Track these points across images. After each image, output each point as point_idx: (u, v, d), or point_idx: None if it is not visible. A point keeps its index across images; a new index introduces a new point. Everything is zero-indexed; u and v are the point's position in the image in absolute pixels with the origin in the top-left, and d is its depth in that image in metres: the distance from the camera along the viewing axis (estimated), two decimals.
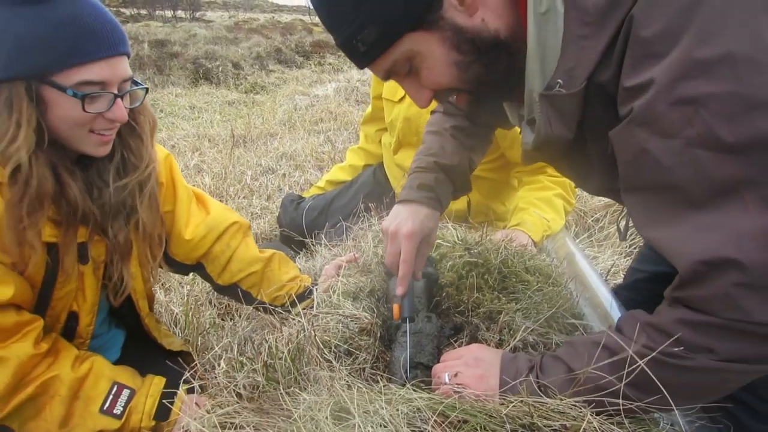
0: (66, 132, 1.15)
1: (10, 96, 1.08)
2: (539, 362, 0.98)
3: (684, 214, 0.77)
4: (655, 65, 0.74)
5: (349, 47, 0.92)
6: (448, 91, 1.00)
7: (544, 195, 2.07)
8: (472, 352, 1.08)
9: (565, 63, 0.85)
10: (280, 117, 6.41)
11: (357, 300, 1.38)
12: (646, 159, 0.78)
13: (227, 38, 13.38)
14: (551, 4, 0.84)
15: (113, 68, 1.14)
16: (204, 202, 1.62)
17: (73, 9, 1.09)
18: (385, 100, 2.32)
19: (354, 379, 1.07)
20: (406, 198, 1.30)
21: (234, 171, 4.05)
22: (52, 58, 1.07)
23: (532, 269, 1.47)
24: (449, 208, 2.04)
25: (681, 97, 0.72)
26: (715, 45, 0.71)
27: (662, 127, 0.75)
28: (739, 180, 0.71)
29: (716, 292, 0.74)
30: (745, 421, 1.09)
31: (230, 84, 9.29)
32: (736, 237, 0.71)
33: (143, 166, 1.30)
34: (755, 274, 0.71)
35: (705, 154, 0.72)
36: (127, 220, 1.31)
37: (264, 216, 3.23)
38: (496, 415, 0.84)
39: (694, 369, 0.79)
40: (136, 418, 1.24)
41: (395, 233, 1.23)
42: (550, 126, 0.90)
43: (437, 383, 1.05)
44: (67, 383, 1.19)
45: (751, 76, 0.69)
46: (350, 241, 1.81)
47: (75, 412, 1.19)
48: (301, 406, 0.94)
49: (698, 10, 0.72)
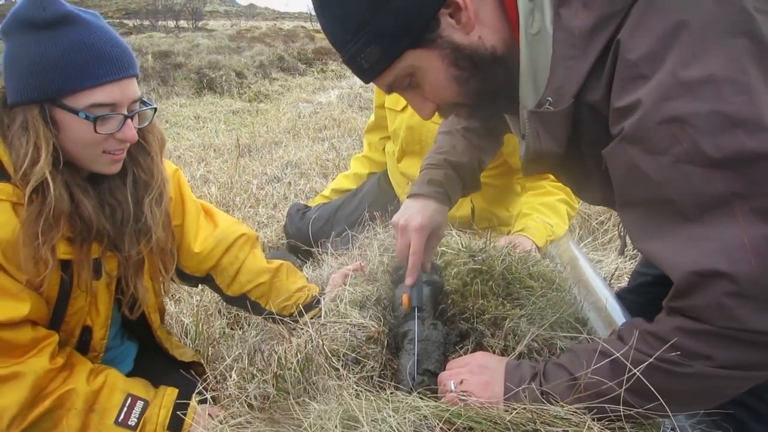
0: (78, 152, 1.18)
1: (25, 119, 1.12)
2: (542, 369, 1.00)
3: (676, 228, 0.80)
4: (642, 86, 0.78)
5: (353, 64, 0.97)
6: (451, 105, 1.04)
7: (548, 200, 2.09)
8: (477, 360, 1.11)
9: (554, 82, 0.89)
10: (284, 125, 6.45)
11: (364, 308, 1.40)
12: (637, 175, 0.81)
13: (230, 47, 13.44)
14: (542, 25, 0.89)
15: (123, 90, 1.17)
16: (212, 215, 1.66)
17: (84, 34, 1.13)
18: (387, 110, 2.34)
19: (362, 388, 1.09)
20: (416, 192, 1.35)
21: (240, 180, 4.09)
22: (64, 82, 1.11)
23: (535, 275, 1.49)
24: (453, 216, 2.07)
25: (667, 116, 0.75)
26: (697, 67, 0.74)
27: (651, 144, 0.78)
28: (727, 193, 0.74)
29: (709, 302, 0.76)
30: (748, 423, 1.11)
31: (234, 93, 9.34)
32: (727, 249, 0.74)
33: (154, 183, 1.34)
34: (746, 284, 0.73)
35: (693, 169, 0.75)
36: (139, 236, 1.34)
37: (270, 225, 3.26)
38: (500, 422, 0.86)
39: (692, 375, 0.81)
40: (151, 428, 1.26)
41: (405, 227, 1.29)
42: (539, 141, 0.95)
43: (443, 391, 1.07)
44: (82, 396, 1.22)
45: (731, 95, 0.73)
46: (356, 250, 1.83)
47: (91, 425, 1.22)
48: (311, 416, 0.96)
49: (680, 35, 0.76)
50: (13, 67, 1.12)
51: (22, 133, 1.12)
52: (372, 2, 0.90)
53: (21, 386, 1.15)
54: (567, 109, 0.89)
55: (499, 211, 2.26)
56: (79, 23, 1.14)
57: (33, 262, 1.14)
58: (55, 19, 1.11)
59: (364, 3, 0.90)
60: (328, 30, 0.97)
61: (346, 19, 0.93)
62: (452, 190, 1.38)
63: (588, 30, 0.84)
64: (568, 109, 0.89)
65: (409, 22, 0.91)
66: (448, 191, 1.36)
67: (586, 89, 0.87)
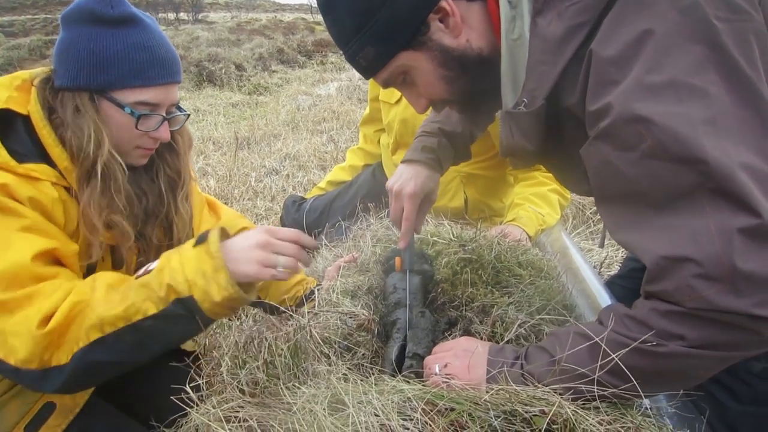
0: (115, 144, 1.24)
1: (76, 104, 1.20)
2: (524, 353, 1.04)
3: (648, 218, 0.85)
4: (613, 91, 0.84)
5: (353, 62, 1.09)
6: (442, 101, 1.14)
7: (539, 190, 2.11)
8: (462, 345, 1.14)
9: (529, 84, 0.97)
10: (283, 118, 6.47)
11: (355, 298, 1.43)
12: (611, 170, 0.87)
13: (230, 40, 13.46)
14: (521, 31, 0.97)
15: (167, 93, 1.27)
16: (215, 209, 1.72)
17: (144, 36, 1.22)
18: (382, 102, 2.36)
19: (352, 373, 1.13)
20: (410, 158, 1.43)
21: (238, 173, 4.12)
22: (118, 77, 1.19)
23: (524, 263, 1.51)
24: (447, 206, 2.10)
25: (634, 116, 0.81)
26: (660, 72, 0.81)
27: (621, 142, 0.84)
28: (693, 185, 0.79)
29: (679, 285, 0.80)
30: (724, 402, 1.14)
31: (234, 86, 9.36)
32: (694, 235, 0.79)
33: (180, 180, 1.44)
34: (711, 267, 0.77)
35: (659, 163, 0.81)
36: (162, 227, 1.43)
37: (269, 217, 3.30)
38: (480, 403, 0.89)
39: (666, 355, 0.85)
40: (175, 258, 1.13)
41: (399, 192, 1.38)
42: (512, 138, 1.03)
43: (428, 374, 1.11)
44: (102, 275, 1.19)
45: (690, 98, 0.79)
46: (350, 241, 1.86)
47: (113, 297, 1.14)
48: (300, 399, 0.99)
49: (646, 43, 0.82)
50: (69, 53, 1.19)
51: (78, 116, 1.19)
52: (368, 8, 0.99)
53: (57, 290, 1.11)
54: (538, 110, 0.96)
55: (492, 202, 2.28)
56: (141, 25, 1.22)
57: (107, 228, 1.23)
58: (122, 18, 1.19)
59: (361, 8, 1.00)
60: (331, 30, 1.08)
61: (346, 21, 1.03)
62: (444, 157, 1.45)
63: (559, 38, 0.91)
64: (540, 110, 0.96)
65: (401, 26, 1.01)
66: (441, 158, 1.43)
67: (562, 94, 0.94)
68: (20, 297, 1.06)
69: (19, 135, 1.18)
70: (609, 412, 0.89)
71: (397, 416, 0.87)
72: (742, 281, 0.76)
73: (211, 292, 1.08)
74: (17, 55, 13.12)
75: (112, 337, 1.07)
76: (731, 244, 0.76)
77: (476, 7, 1.03)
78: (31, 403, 1.21)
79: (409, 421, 0.88)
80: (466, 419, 0.88)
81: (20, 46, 14.21)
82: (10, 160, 1.13)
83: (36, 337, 1.03)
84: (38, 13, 34.21)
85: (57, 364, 1.07)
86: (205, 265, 1.10)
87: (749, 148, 0.78)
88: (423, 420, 0.88)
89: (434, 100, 1.15)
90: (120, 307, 1.07)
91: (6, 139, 1.15)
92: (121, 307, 1.07)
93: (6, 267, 1.06)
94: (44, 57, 13.31)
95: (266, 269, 1.13)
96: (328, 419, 0.89)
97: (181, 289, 1.08)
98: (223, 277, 1.08)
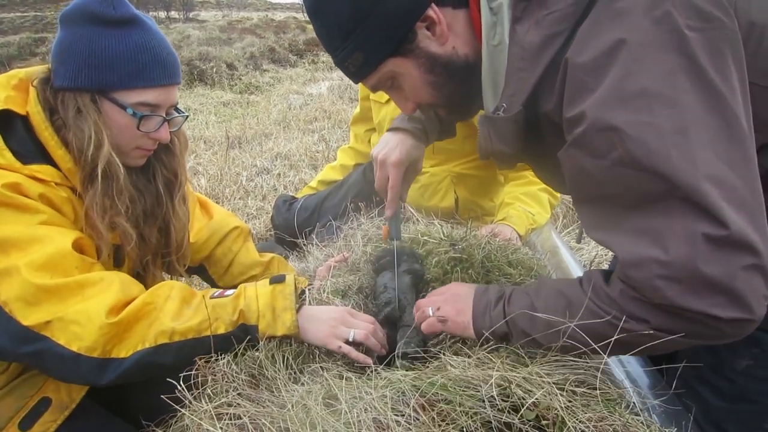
0: (114, 145, 1.24)
1: (77, 104, 1.19)
2: (509, 294, 1.11)
3: (619, 219, 0.90)
4: (588, 99, 0.86)
5: (342, 67, 1.11)
6: (429, 105, 1.16)
7: (530, 190, 2.13)
8: (452, 289, 1.22)
9: (507, 90, 0.99)
10: (274, 117, 6.46)
11: (346, 297, 1.44)
12: (585, 175, 0.92)
13: (221, 39, 13.40)
14: (501, 38, 0.99)
15: (168, 95, 1.28)
16: (207, 207, 1.74)
17: (146, 37, 1.22)
18: (372, 102, 2.37)
19: (344, 370, 1.14)
20: (396, 126, 1.43)
21: (229, 172, 4.11)
22: (121, 77, 1.20)
23: (514, 263, 1.52)
24: (437, 206, 2.11)
25: (606, 125, 0.84)
26: (633, 82, 0.83)
27: (593, 149, 0.88)
28: (661, 191, 0.83)
29: (645, 283, 0.85)
30: (709, 399, 1.16)
31: (225, 85, 9.34)
32: (661, 238, 0.83)
33: (176, 181, 1.45)
34: (675, 268, 0.82)
35: (629, 171, 0.84)
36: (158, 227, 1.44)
37: (260, 216, 3.29)
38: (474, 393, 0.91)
39: (631, 330, 0.91)
40: (251, 289, 1.24)
41: (384, 161, 1.38)
42: (490, 142, 1.05)
43: (421, 317, 1.19)
44: (177, 287, 1.23)
45: (660, 108, 0.82)
46: (341, 241, 1.87)
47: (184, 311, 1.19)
48: (294, 396, 1.00)
49: (620, 52, 0.84)
50: (69, 53, 1.18)
51: (79, 117, 1.19)
52: (356, 15, 1.01)
53: (112, 285, 1.15)
54: (516, 116, 0.98)
55: (483, 202, 2.29)
56: (143, 26, 1.23)
57: (110, 230, 1.25)
58: (124, 19, 1.20)
59: (349, 15, 1.02)
60: (320, 35, 1.09)
61: (334, 28, 1.05)
62: (430, 128, 1.45)
63: (537, 46, 0.94)
64: (517, 115, 0.98)
65: (388, 33, 1.03)
66: (426, 129, 1.43)
67: (540, 100, 0.97)
68: (72, 284, 1.11)
69: (20, 136, 1.18)
70: (599, 410, 0.91)
71: (390, 411, 0.88)
72: (702, 284, 0.81)
73: (276, 326, 1.19)
74: (6, 53, 13.00)
75: (178, 345, 1.14)
76: (695, 249, 0.81)
77: (461, 14, 1.06)
78: (26, 398, 1.21)
79: (401, 417, 0.89)
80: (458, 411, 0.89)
81: (9, 43, 14.08)
82: (15, 161, 1.13)
83: (103, 326, 1.07)
84: (28, 10, 33.95)
85: (117, 356, 1.10)
86: (276, 302, 1.21)
87: (718, 157, 0.81)
88: (414, 416, 0.89)
89: (421, 104, 1.17)
90: (194, 321, 1.15)
91: (7, 140, 1.15)
92: (195, 321, 1.15)
93: (50, 254, 1.10)
94: (34, 55, 13.20)
95: (334, 339, 1.20)
96: (321, 413, 0.90)
97: (250, 317, 1.19)
98: (289, 317, 1.20)
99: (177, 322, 1.14)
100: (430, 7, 1.02)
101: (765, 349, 1.11)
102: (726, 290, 0.81)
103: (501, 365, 0.99)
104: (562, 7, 0.92)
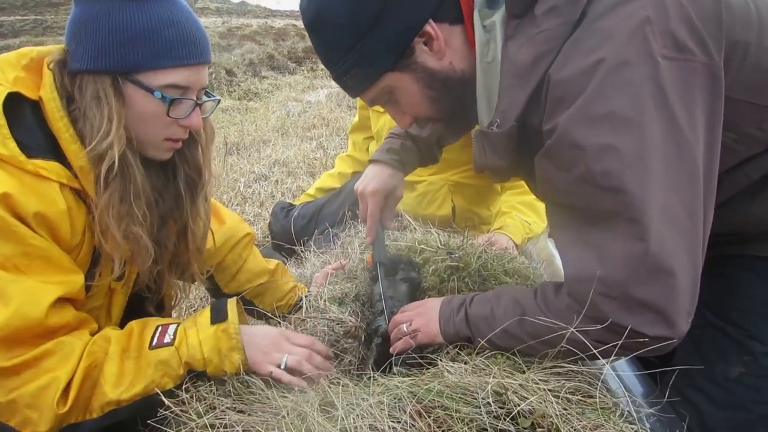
0: (141, 133, 1.12)
1: (96, 89, 1.05)
2: (470, 299, 1.16)
3: (575, 228, 0.97)
4: (562, 113, 0.91)
5: (340, 82, 1.13)
6: (426, 119, 1.19)
7: (526, 199, 2.14)
8: (426, 304, 1.26)
9: (501, 105, 1.02)
10: (272, 124, 6.47)
11: (343, 305, 1.44)
12: (551, 184, 1.00)
13: (220, 45, 13.42)
14: (495, 55, 1.02)
15: (199, 75, 1.14)
16: (218, 212, 1.62)
17: (173, 11, 1.08)
18: (371, 111, 2.38)
19: (341, 377, 1.14)
20: (374, 158, 1.51)
21: (227, 179, 4.11)
22: (146, 56, 1.05)
23: (510, 271, 1.54)
24: (434, 214, 2.12)
25: (572, 142, 0.90)
26: (602, 103, 0.87)
27: (559, 163, 0.94)
28: (613, 211, 0.88)
29: (584, 298, 0.91)
30: (702, 406, 1.18)
31: (224, 91, 9.33)
32: (605, 256, 0.90)
33: (200, 180, 1.30)
34: (612, 287, 0.89)
35: (588, 187, 0.90)
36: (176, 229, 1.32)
37: (257, 223, 3.29)
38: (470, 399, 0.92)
39: (570, 339, 0.96)
40: (192, 333, 1.14)
41: (362, 192, 1.47)
42: (484, 156, 1.08)
43: (397, 333, 1.23)
44: (114, 338, 1.12)
45: (625, 132, 0.86)
46: (338, 248, 1.87)
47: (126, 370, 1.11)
48: (289, 404, 1.01)
49: (595, 73, 0.88)
50: (86, 32, 1.04)
51: (94, 103, 1.05)
52: (355, 31, 1.03)
53: (71, 356, 1.05)
54: (509, 131, 1.01)
55: (480, 211, 2.31)
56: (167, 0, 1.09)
57: (125, 239, 1.12)
58: None
59: (348, 31, 1.04)
60: (318, 51, 1.11)
61: (333, 44, 1.07)
62: (408, 159, 1.52)
63: (528, 63, 0.97)
64: (511, 130, 1.01)
65: (387, 49, 1.05)
66: (403, 159, 1.50)
67: (530, 115, 1.00)
68: (29, 360, 1.00)
69: (28, 124, 1.04)
70: (593, 418, 0.92)
71: (387, 418, 0.89)
72: (635, 303, 0.89)
73: (224, 367, 1.14)
74: None
75: (127, 407, 1.07)
76: (630, 271, 0.87)
77: (458, 30, 1.08)
78: None
79: (397, 423, 0.89)
80: (455, 418, 0.90)
81: (9, 47, 14.09)
82: (19, 154, 1.00)
83: (57, 416, 1.01)
84: (28, 14, 33.98)
85: (74, 422, 1.05)
86: (222, 344, 1.14)
87: (667, 184, 0.87)
88: (411, 422, 0.90)
89: (419, 118, 1.20)
90: (138, 387, 1.07)
91: (13, 129, 1.01)
92: (139, 387, 1.07)
93: (14, 327, 0.98)
94: None
95: (266, 365, 1.15)
96: (317, 419, 0.90)
97: (197, 365, 1.12)
98: (237, 357, 1.13)
99: (120, 390, 1.06)
100: (428, 23, 1.04)
101: (756, 357, 1.13)
102: (655, 309, 0.88)
103: (498, 372, 1.01)
104: (553, 26, 0.95)
